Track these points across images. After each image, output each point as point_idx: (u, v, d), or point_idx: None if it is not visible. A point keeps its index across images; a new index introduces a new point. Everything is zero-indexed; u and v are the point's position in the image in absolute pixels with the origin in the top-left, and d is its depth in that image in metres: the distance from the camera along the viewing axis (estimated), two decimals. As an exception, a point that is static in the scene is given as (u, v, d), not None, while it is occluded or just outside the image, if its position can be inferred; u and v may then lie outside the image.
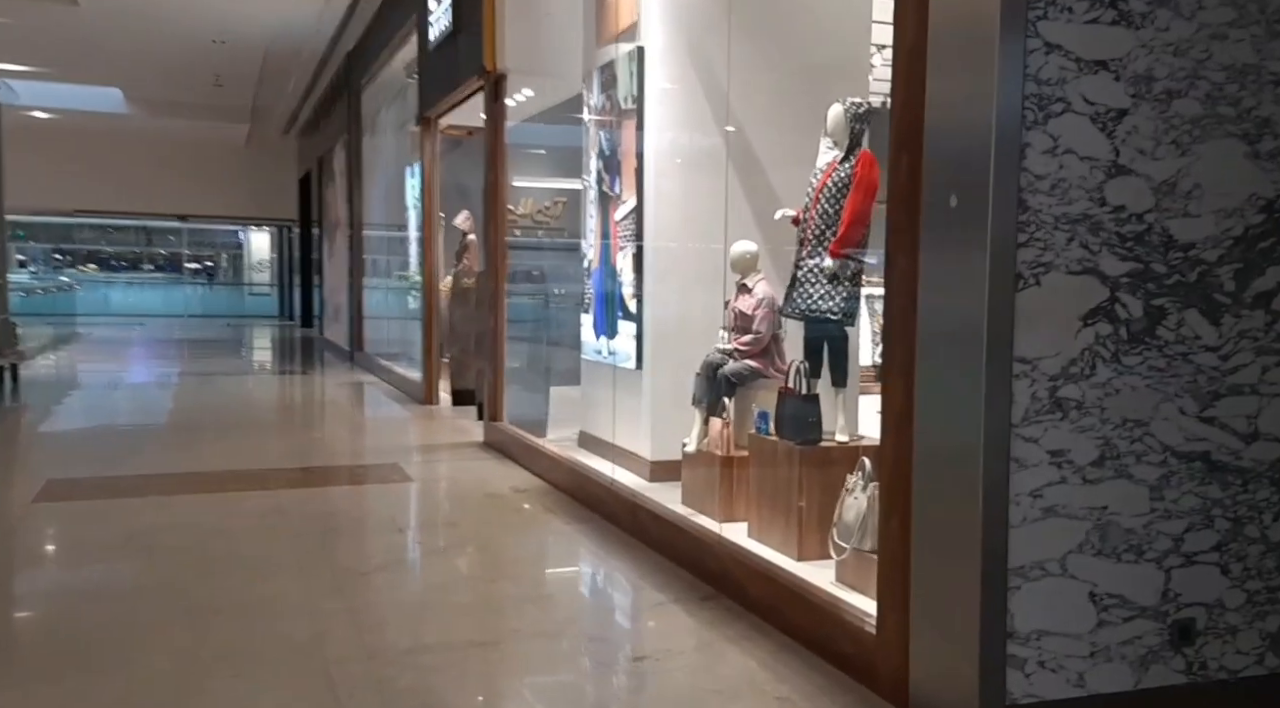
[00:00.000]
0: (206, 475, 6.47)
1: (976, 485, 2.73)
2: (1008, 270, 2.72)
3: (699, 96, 6.35)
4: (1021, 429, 2.76)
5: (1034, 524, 2.78)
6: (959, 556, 2.80)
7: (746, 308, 5.60)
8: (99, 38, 14.68)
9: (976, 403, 2.73)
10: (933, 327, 2.91)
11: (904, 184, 3.03)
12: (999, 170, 2.70)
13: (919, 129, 2.96)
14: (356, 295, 15.57)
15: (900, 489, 3.04)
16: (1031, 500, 2.77)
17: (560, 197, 13.77)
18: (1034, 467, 2.77)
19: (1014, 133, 2.71)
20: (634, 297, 6.50)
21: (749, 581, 4.04)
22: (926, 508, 2.95)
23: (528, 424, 7.89)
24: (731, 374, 5.53)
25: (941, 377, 2.88)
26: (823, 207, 4.79)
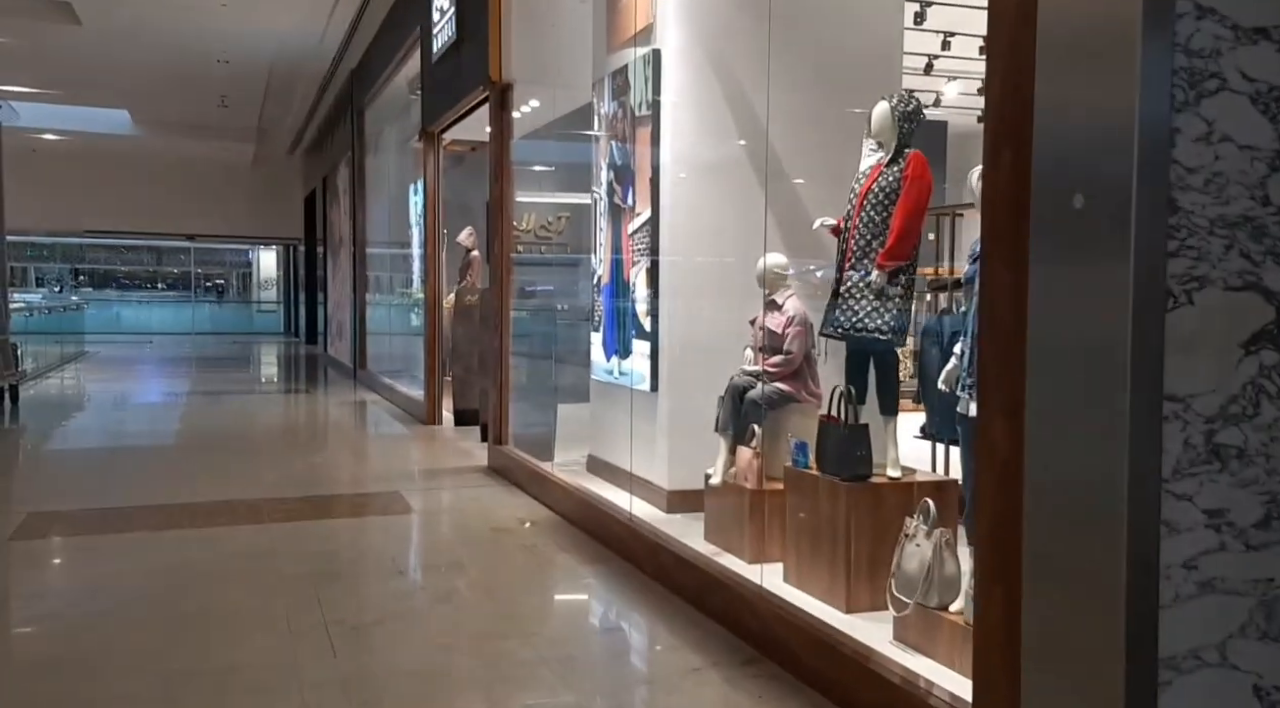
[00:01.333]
0: (198, 507, 5.82)
1: (1119, 555, 2.08)
2: (1156, 286, 2.08)
3: (719, 101, 5.73)
4: (1173, 485, 2.11)
5: (1188, 603, 2.13)
6: (1093, 641, 2.15)
7: (777, 326, 4.96)
8: (105, 59, 14.09)
9: (1116, 451, 2.08)
10: (1050, 355, 2.27)
11: (1006, 184, 2.39)
12: (1144, 162, 2.06)
13: (1026, 116, 2.32)
14: (360, 313, 14.92)
15: (1006, 552, 2.39)
16: (1185, 573, 2.13)
17: (564, 212, 13.19)
18: (1188, 531, 2.12)
19: (1162, 115, 2.07)
20: (649, 314, 5.86)
21: (802, 647, 3.38)
22: (1045, 579, 2.30)
23: (533, 445, 7.24)
24: (761, 399, 4.88)
25: (1064, 416, 2.23)
26: (867, 214, 4.15)
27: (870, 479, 4.00)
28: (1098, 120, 2.15)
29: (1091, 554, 2.15)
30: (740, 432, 4.89)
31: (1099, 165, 2.14)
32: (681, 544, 4.48)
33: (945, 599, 3.43)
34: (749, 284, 5.82)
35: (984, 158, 2.47)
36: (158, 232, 25.36)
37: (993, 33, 2.47)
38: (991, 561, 2.45)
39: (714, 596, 4.01)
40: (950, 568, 3.45)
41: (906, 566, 3.51)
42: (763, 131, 5.77)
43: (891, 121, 4.15)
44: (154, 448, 8.30)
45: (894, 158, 4.15)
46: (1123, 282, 2.08)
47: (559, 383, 7.96)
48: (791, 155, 5.83)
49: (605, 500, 5.34)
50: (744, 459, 4.77)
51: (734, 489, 4.80)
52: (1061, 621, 2.25)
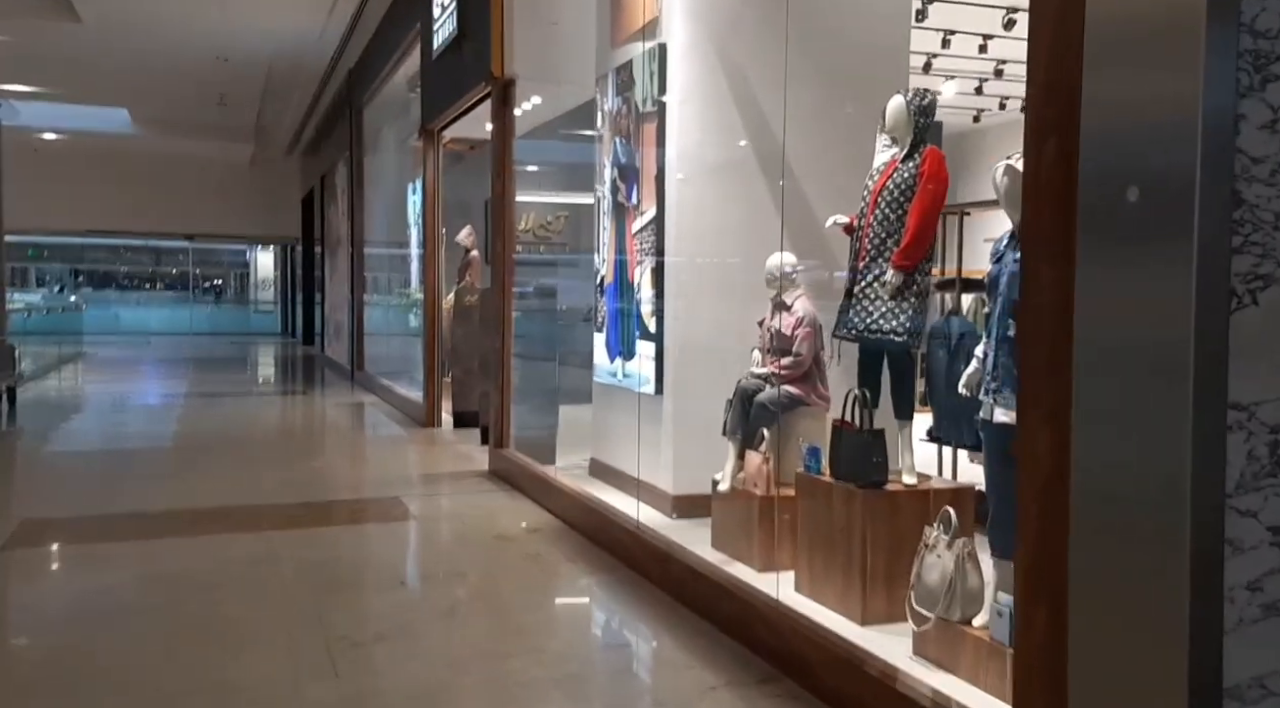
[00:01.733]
0: (196, 514, 5.63)
1: (1179, 576, 1.91)
2: (1219, 284, 1.91)
3: (726, 97, 5.56)
4: (1236, 500, 1.94)
5: (1252, 627, 1.96)
6: (1150, 669, 1.98)
7: (785, 327, 4.79)
8: (104, 56, 13.89)
9: (1175, 464, 1.92)
10: (1100, 359, 2.10)
11: (1050, 177, 2.22)
12: (1207, 151, 1.89)
13: (1073, 103, 2.15)
14: (357, 313, 14.73)
15: (1050, 571, 2.22)
16: (1249, 595, 1.96)
17: (562, 211, 13.01)
18: (1252, 550, 1.96)
19: (1226, 101, 1.90)
20: (653, 315, 5.69)
21: (822, 664, 3.21)
22: (1094, 601, 2.13)
23: (534, 448, 7.06)
24: (769, 402, 4.71)
25: (1116, 426, 2.06)
26: (882, 212, 3.98)
27: (886, 486, 3.83)
28: (1155, 107, 1.98)
29: (1147, 575, 1.99)
30: (749, 436, 4.72)
31: (1156, 155, 1.97)
32: (691, 554, 4.30)
33: (968, 613, 3.26)
34: (756, 284, 5.64)
35: (1025, 150, 2.29)
36: (157, 231, 25.11)
37: (1036, 15, 2.30)
38: (1033, 581, 2.28)
39: (726, 608, 3.83)
40: (973, 581, 3.29)
41: (927, 577, 3.34)
42: (770, 129, 5.60)
43: (907, 116, 3.99)
44: (151, 452, 8.11)
45: (909, 154, 3.98)
46: (1183, 280, 1.91)
47: (560, 384, 7.79)
48: (799, 153, 5.64)
49: (611, 507, 5.16)
50: (753, 465, 4.60)
51: (743, 495, 4.63)
52: (1113, 647, 2.08)
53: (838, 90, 5.66)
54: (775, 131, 5.61)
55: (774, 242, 5.53)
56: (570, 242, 12.93)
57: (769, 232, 5.58)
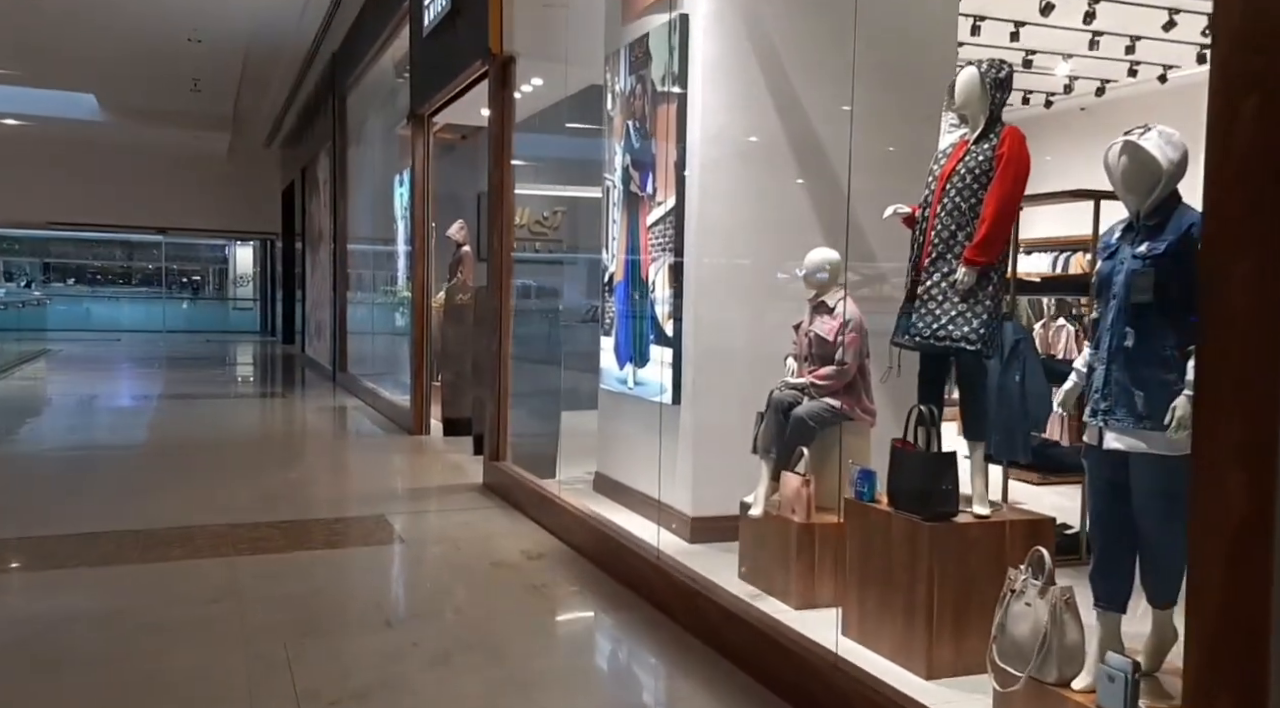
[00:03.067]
0: (153, 535, 5.14)
1: None
2: None
3: (755, 74, 5.11)
4: None
5: None
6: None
7: (827, 332, 4.34)
8: (67, 35, 13.33)
9: None
10: (1318, 381, 1.65)
11: (1248, 144, 1.76)
12: None
13: (1276, 47, 1.69)
14: (340, 312, 14.22)
15: (1241, 647, 1.76)
16: None
17: (560, 206, 12.54)
18: None
19: None
20: (670, 317, 5.24)
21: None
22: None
23: (532, 460, 6.59)
24: (809, 416, 4.26)
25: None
26: (951, 200, 3.52)
27: (955, 518, 3.37)
28: None
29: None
30: (784, 454, 4.26)
31: None
32: (725, 593, 3.83)
33: (1067, 674, 2.81)
34: (789, 284, 5.21)
35: (1210, 112, 1.83)
36: (127, 225, 24.48)
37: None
38: (1215, 660, 1.82)
39: (773, 660, 3.37)
40: (1072, 635, 2.83)
41: (1015, 630, 2.88)
42: (803, 110, 5.16)
43: (981, 91, 3.53)
44: (111, 461, 7.59)
45: (983, 133, 3.53)
46: None
47: (560, 388, 7.32)
48: (835, 138, 5.20)
49: (626, 532, 4.69)
50: (790, 487, 4.14)
51: (778, 522, 4.17)
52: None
53: (881, 69, 5.21)
54: (809, 113, 5.18)
55: (808, 236, 5.10)
56: (568, 239, 12.49)
57: (803, 224, 5.15)
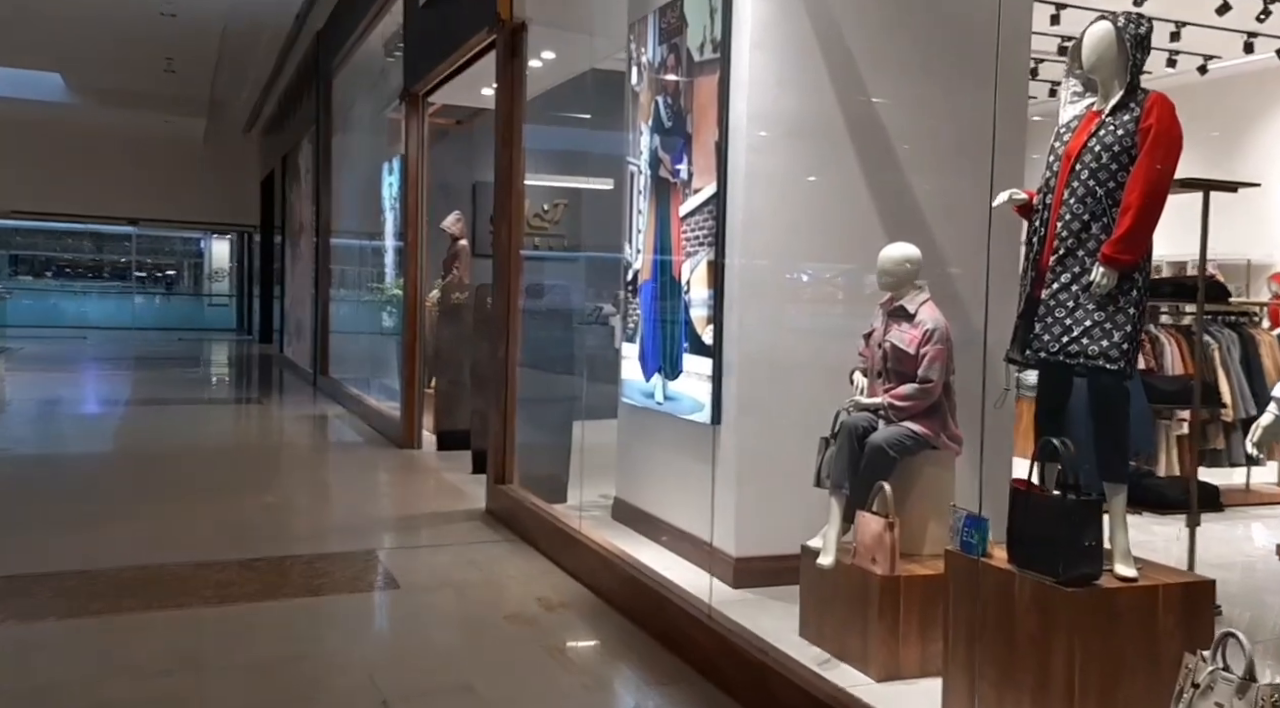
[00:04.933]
0: (104, 578, 4.53)
1: None
2: None
3: (811, 41, 4.55)
4: None
5: None
6: None
7: (907, 343, 3.79)
8: (31, 6, 12.71)
9: None
10: None
11: None
12: None
13: None
14: (322, 310, 13.62)
15: None
16: None
17: (561, 199, 11.97)
18: None
19: None
20: (709, 322, 4.67)
21: None
22: None
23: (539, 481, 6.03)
24: (889, 444, 3.70)
25: None
26: (1083, 184, 2.97)
27: (1098, 581, 2.81)
28: None
29: None
30: (860, 491, 3.70)
31: None
32: (808, 672, 3.24)
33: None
34: (855, 285, 4.67)
35: None
36: (95, 215, 23.82)
37: None
38: None
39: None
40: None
41: (1198, 733, 2.32)
42: (864, 83, 4.61)
43: (1118, 50, 2.98)
44: (60, 480, 6.96)
45: (1121, 103, 2.96)
46: None
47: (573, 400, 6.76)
48: (899, 119, 4.67)
49: (665, 580, 4.11)
50: (870, 531, 3.57)
51: (854, 573, 3.60)
52: None
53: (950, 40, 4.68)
54: (871, 90, 4.63)
55: (869, 229, 4.56)
56: (570, 234, 11.93)
57: (863, 216, 4.60)
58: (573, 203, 11.96)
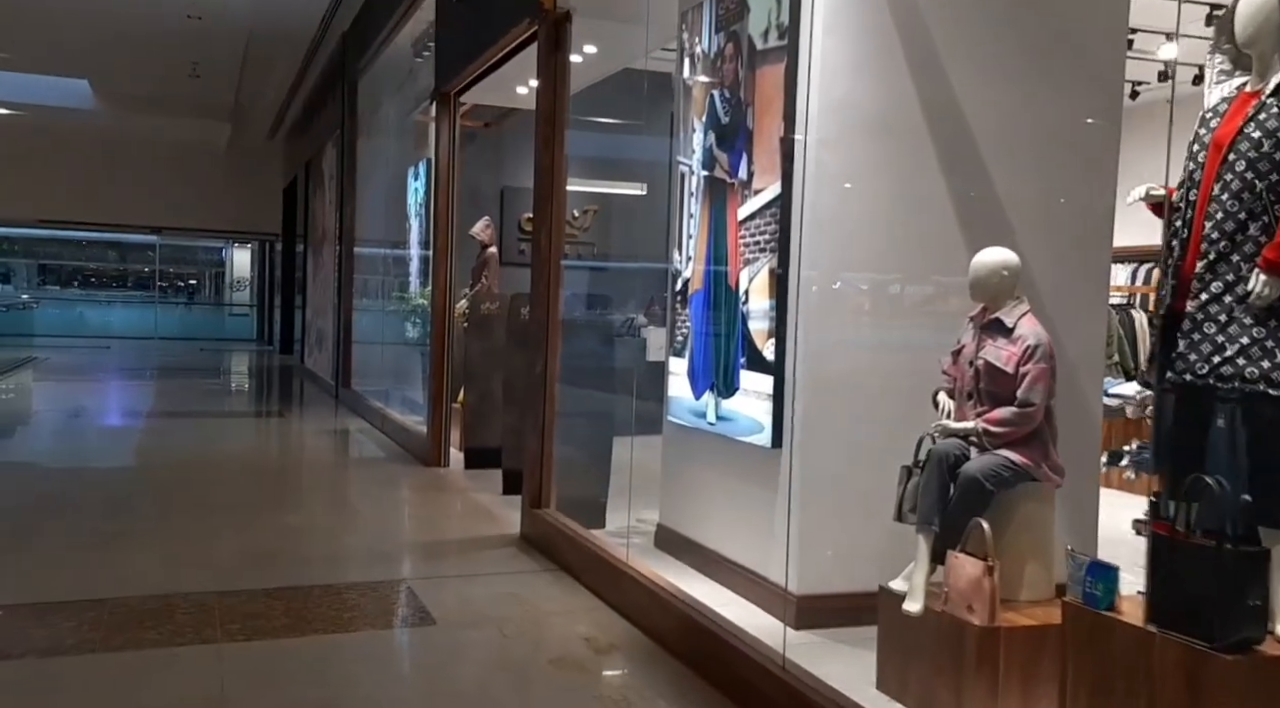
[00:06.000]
0: (125, 607, 4.19)
1: None
2: None
3: (888, 29, 4.16)
4: None
5: None
6: None
7: (1004, 361, 3.38)
8: (59, 11, 12.49)
9: None
10: None
11: None
12: None
13: None
14: (345, 320, 13.29)
15: None
16: None
17: (591, 204, 11.62)
18: None
19: None
20: (770, 336, 4.28)
21: None
22: None
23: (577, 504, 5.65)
24: (985, 476, 3.29)
25: None
26: (1238, 176, 2.56)
27: (1260, 645, 2.39)
28: None
29: None
30: (953, 528, 3.29)
31: None
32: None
33: None
34: (937, 295, 4.28)
35: None
36: (118, 223, 23.60)
37: None
38: None
39: None
40: None
41: None
42: (947, 78, 4.22)
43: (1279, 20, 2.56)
44: (79, 498, 6.61)
45: (1283, 84, 2.56)
46: None
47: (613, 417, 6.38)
48: (986, 113, 4.27)
49: (729, 624, 3.70)
50: (965, 575, 3.16)
51: (947, 622, 3.19)
52: None
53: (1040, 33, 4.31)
54: (954, 82, 4.23)
55: (951, 233, 4.17)
56: (599, 242, 11.59)
57: (944, 219, 4.21)
58: (603, 209, 11.64)
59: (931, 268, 4.23)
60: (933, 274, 4.24)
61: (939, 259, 4.19)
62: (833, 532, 4.10)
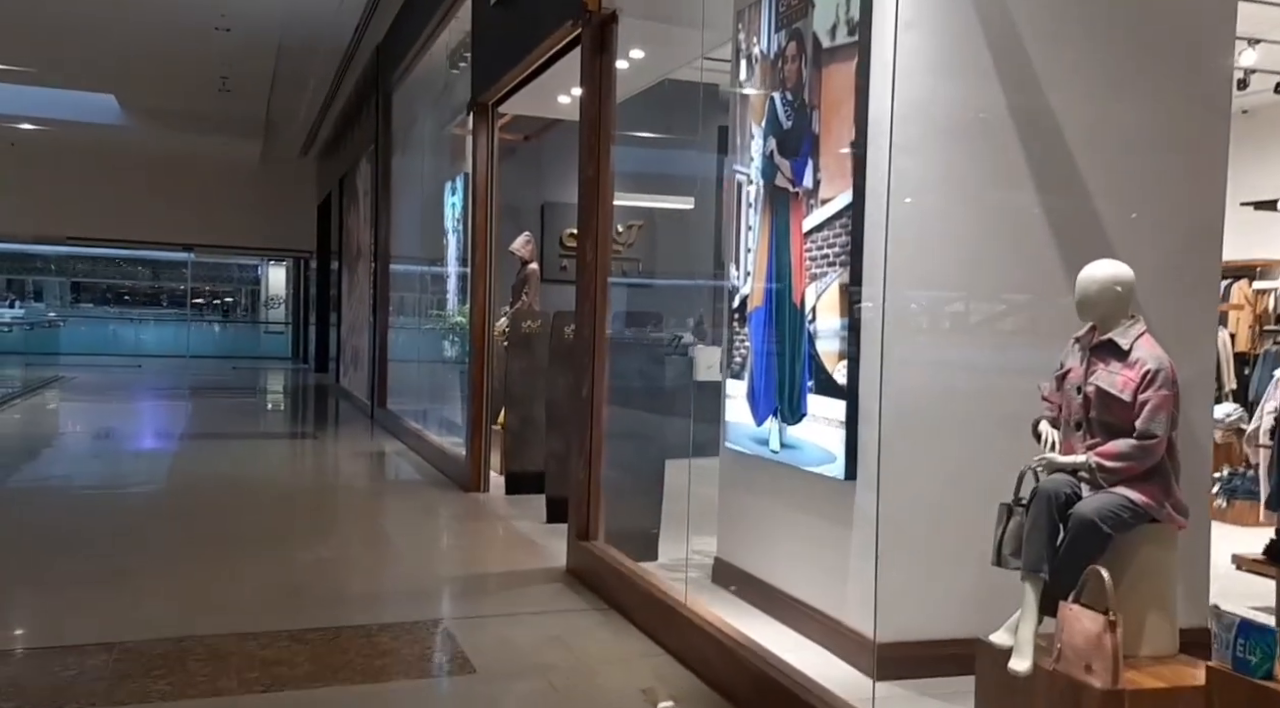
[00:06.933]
0: (135, 653, 3.92)
1: None
2: None
3: (972, 25, 3.84)
4: None
5: None
6: None
7: (1119, 387, 3.04)
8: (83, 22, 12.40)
9: None
10: None
11: None
12: None
13: None
14: (380, 339, 13.08)
15: None
16: None
17: (635, 220, 11.33)
18: None
19: None
20: (842, 357, 3.95)
21: None
22: None
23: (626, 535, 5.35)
24: (1102, 517, 2.94)
25: None
26: None
27: None
28: None
29: None
30: (1066, 576, 2.95)
31: None
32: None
33: None
34: (1036, 313, 3.95)
35: None
36: (150, 241, 23.60)
37: None
38: None
39: None
40: None
41: None
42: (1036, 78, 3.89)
43: None
44: (94, 528, 6.36)
45: None
46: None
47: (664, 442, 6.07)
48: (1082, 116, 3.94)
49: (810, 683, 3.37)
50: (1083, 630, 2.81)
51: (1059, 683, 2.85)
52: None
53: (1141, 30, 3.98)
54: (1048, 76, 3.90)
55: (1045, 245, 3.83)
56: (644, 258, 11.28)
57: (1038, 230, 3.87)
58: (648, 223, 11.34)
59: (1022, 283, 3.89)
60: (1024, 289, 3.90)
61: (1029, 272, 3.86)
62: (916, 573, 3.77)
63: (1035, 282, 3.84)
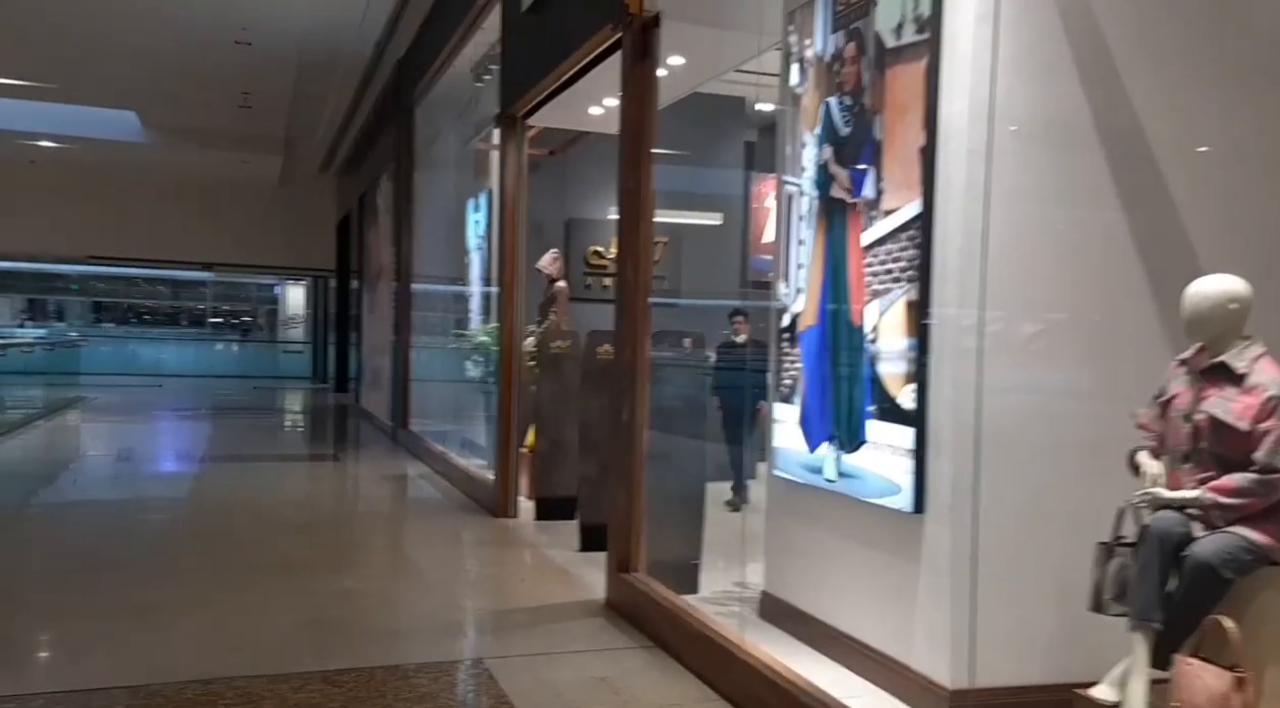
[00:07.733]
0: (158, 697, 3.65)
1: None
2: None
3: (1053, 23, 3.58)
4: None
5: None
6: None
7: (1234, 413, 2.75)
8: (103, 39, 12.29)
9: None
10: None
11: None
12: None
13: None
14: (402, 358, 12.84)
15: None
16: None
17: (662, 236, 11.07)
18: None
19: None
20: (909, 381, 3.66)
21: None
22: None
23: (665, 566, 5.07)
24: (1221, 561, 2.64)
25: None
26: None
27: None
28: None
29: None
30: (1182, 625, 2.64)
31: None
32: None
33: None
34: (1132, 333, 3.65)
35: None
36: (169, 260, 23.49)
37: None
38: None
39: None
40: None
41: None
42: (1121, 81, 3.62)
43: None
44: (119, 556, 6.10)
45: None
46: None
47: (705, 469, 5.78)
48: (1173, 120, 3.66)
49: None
50: (1205, 687, 2.51)
51: (1181, 747, 2.54)
52: None
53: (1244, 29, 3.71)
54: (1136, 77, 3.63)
55: (1133, 260, 3.55)
56: (670, 275, 11.02)
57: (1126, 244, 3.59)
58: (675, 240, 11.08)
59: (1110, 300, 3.60)
60: (1111, 307, 3.61)
61: (1118, 289, 3.57)
62: (993, 614, 3.46)
63: (1121, 298, 3.56)
